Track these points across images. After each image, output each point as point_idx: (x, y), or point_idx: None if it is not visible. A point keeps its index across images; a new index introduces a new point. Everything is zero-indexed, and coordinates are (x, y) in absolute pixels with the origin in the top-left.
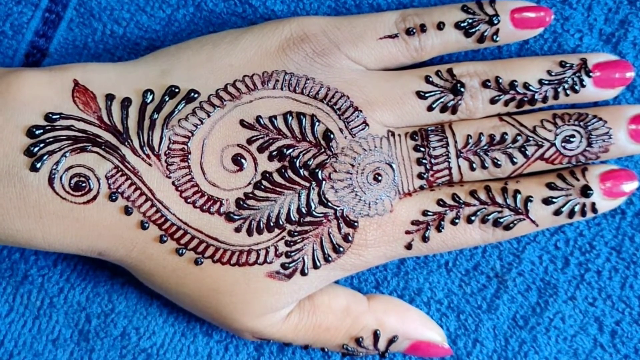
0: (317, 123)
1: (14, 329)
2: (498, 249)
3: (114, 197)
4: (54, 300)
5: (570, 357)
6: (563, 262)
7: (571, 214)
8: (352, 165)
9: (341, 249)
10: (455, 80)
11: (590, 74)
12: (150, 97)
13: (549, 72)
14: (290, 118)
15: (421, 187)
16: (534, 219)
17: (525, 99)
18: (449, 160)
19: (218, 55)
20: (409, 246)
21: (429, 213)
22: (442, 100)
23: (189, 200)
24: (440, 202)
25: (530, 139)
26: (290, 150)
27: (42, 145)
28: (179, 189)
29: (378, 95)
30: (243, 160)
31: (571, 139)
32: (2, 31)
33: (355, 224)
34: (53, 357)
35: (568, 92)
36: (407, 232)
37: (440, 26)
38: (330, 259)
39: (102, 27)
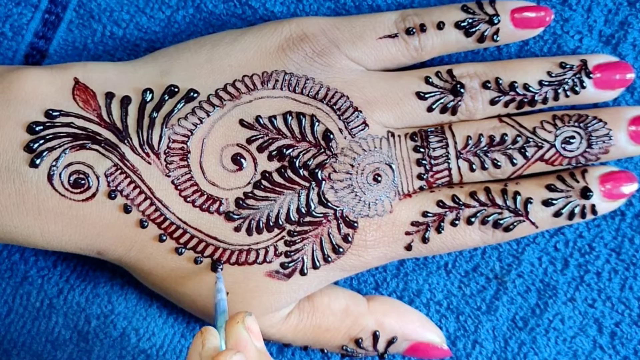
0: (316, 123)
1: (13, 329)
2: (497, 251)
3: (113, 195)
4: (54, 301)
5: (570, 358)
6: (562, 264)
7: (571, 215)
8: (352, 166)
9: (341, 250)
10: (455, 81)
11: (591, 75)
12: (149, 96)
13: (549, 74)
14: (290, 118)
15: (421, 188)
16: (534, 220)
17: (525, 100)
18: (449, 161)
19: (217, 56)
20: (408, 247)
21: (429, 214)
22: (442, 101)
23: (188, 199)
24: (440, 203)
25: (530, 140)
26: (290, 150)
27: (41, 141)
28: (179, 187)
29: (378, 96)
30: (243, 160)
31: (571, 140)
32: (1, 32)
33: (355, 224)
34: (52, 358)
35: (568, 93)
36: (407, 233)
37: (440, 26)
38: (329, 259)
39: (101, 28)
